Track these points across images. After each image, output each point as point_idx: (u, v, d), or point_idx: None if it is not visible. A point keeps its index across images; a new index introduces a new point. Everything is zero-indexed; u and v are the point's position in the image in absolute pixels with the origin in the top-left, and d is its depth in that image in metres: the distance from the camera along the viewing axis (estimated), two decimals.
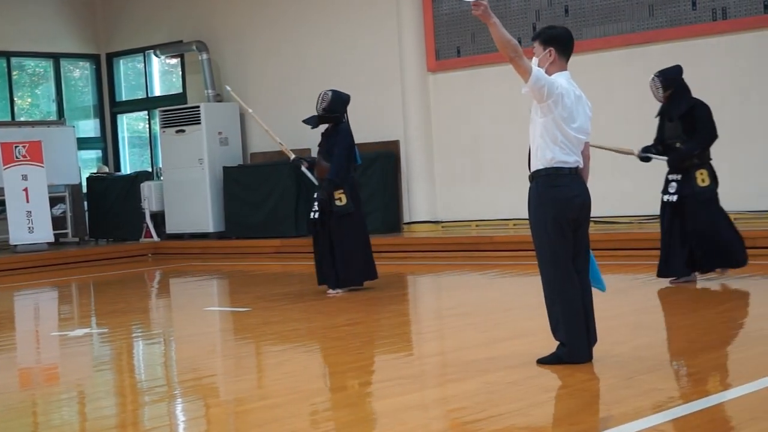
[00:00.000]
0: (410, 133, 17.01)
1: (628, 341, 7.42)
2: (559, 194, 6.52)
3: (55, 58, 21.35)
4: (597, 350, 6.66)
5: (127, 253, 18.36)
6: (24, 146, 18.13)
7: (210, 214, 18.17)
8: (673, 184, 10.11)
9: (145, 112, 21.47)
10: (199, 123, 18.20)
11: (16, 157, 18.03)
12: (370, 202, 16.94)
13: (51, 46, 21.11)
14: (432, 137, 16.94)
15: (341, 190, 10.85)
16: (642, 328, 8.13)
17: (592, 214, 6.80)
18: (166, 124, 18.82)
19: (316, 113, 11.16)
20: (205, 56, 19.42)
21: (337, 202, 10.85)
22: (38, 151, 18.20)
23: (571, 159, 6.54)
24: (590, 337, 6.61)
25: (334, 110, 11.08)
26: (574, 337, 6.55)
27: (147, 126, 21.77)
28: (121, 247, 18.79)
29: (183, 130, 18.23)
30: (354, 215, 11.00)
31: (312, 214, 11.02)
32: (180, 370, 7.82)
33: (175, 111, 18.90)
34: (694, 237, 9.98)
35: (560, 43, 6.62)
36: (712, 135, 10.10)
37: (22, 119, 20.69)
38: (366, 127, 17.50)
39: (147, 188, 19.12)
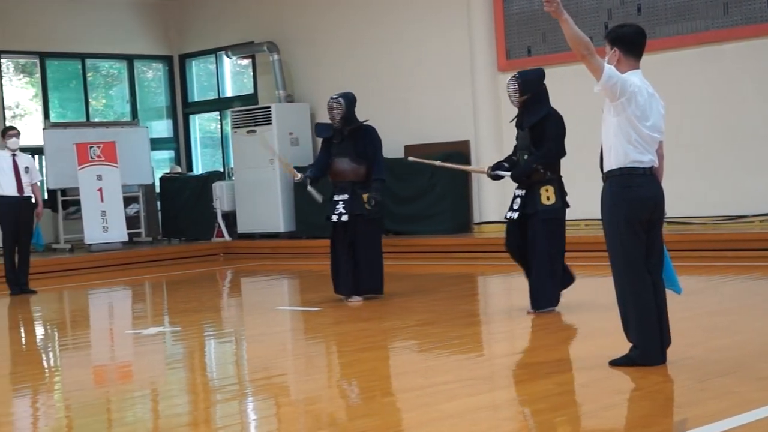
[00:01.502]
0: (481, 132, 16.94)
1: (703, 343, 7.32)
2: (632, 194, 6.45)
3: (129, 59, 21.61)
4: (671, 352, 6.57)
5: (199, 252, 18.51)
6: (98, 147, 18.37)
7: (281, 214, 18.25)
8: (518, 200, 9.28)
9: (217, 113, 21.64)
10: (270, 123, 18.29)
11: (91, 158, 18.27)
12: (440, 203, 16.92)
13: (125, 48, 21.38)
14: (502, 137, 16.84)
15: (367, 194, 10.55)
16: (717, 330, 8.01)
17: (666, 215, 6.71)
18: (237, 124, 18.96)
19: (333, 121, 10.75)
20: (276, 57, 19.53)
21: (367, 206, 10.53)
22: (112, 151, 18.43)
23: (645, 158, 6.46)
24: (664, 339, 6.52)
25: (351, 112, 10.82)
26: (646, 339, 6.47)
27: (219, 126, 21.95)
28: (193, 246, 18.96)
29: (254, 131, 18.34)
30: (380, 220, 10.83)
31: (337, 216, 10.58)
32: (251, 368, 7.87)
33: (247, 111, 19.02)
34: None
35: (626, 43, 6.53)
36: (557, 150, 9.21)
37: (96, 120, 20.96)
38: (436, 127, 17.49)
39: (219, 188, 19.27)
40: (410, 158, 10.75)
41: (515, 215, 9.22)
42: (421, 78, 17.77)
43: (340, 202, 10.58)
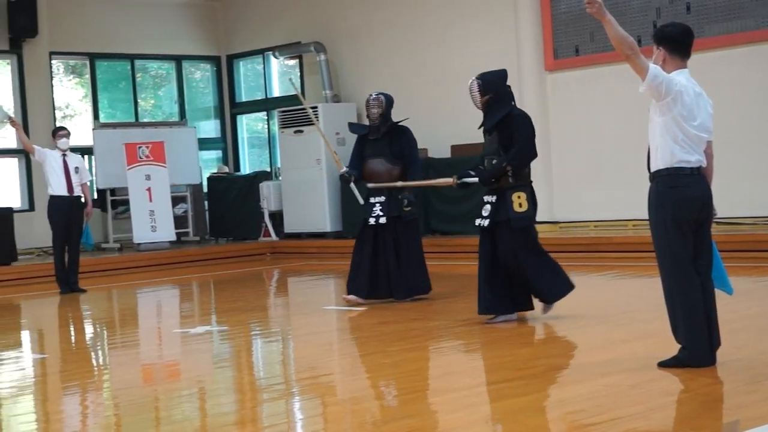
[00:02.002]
0: None
1: (753, 345, 7.24)
2: (679, 194, 6.39)
3: (177, 60, 21.76)
4: (720, 354, 6.51)
5: (246, 252, 18.59)
6: (147, 147, 18.51)
7: (327, 214, 18.29)
8: (487, 206, 8.89)
9: (264, 113, 21.72)
10: (313, 123, 18.32)
11: (140, 158, 18.42)
12: None
13: (173, 49, 21.53)
14: (549, 137, 16.78)
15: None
16: (767, 331, 7.92)
17: (716, 215, 6.65)
18: (284, 124, 19.02)
19: (372, 119, 10.64)
20: (323, 57, 19.57)
21: (405, 208, 10.43)
22: (161, 151, 18.56)
23: (692, 158, 6.40)
24: (713, 340, 6.46)
25: (389, 112, 10.69)
26: (695, 340, 6.41)
27: (266, 126, 22.04)
28: (241, 246, 19.05)
29: (301, 131, 18.39)
30: (417, 220, 10.73)
31: (374, 218, 10.46)
32: (297, 368, 7.89)
33: (294, 112, 19.08)
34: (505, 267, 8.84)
35: (672, 42, 6.48)
36: (528, 152, 8.76)
37: (145, 120, 21.12)
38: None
39: (266, 188, 19.35)
40: (369, 185, 10.59)
41: (485, 222, 8.88)
42: (468, 77, 17.61)
43: (377, 204, 10.48)
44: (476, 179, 9.05)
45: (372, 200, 10.54)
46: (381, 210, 10.44)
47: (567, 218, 16.65)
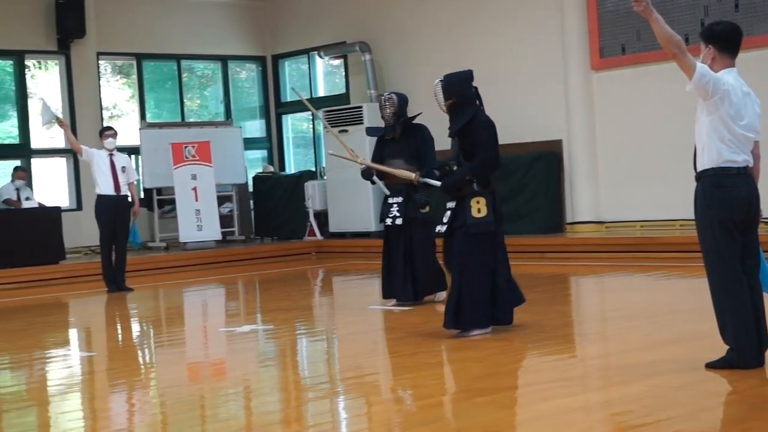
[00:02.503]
0: (573, 132, 16.81)
1: None
2: (726, 195, 6.33)
3: (223, 60, 21.86)
4: None
5: (291, 251, 18.65)
6: (193, 146, 18.62)
7: (372, 214, 18.29)
8: (448, 212, 8.53)
9: (309, 113, 21.76)
10: (362, 123, 18.34)
11: (186, 157, 18.53)
12: (532, 202, 16.82)
13: (219, 49, 21.63)
14: (596, 136, 16.70)
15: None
16: None
17: (763, 215, 6.58)
18: (329, 124, 19.03)
19: (385, 118, 10.47)
20: (368, 57, 19.59)
21: (422, 210, 10.23)
22: (207, 151, 18.66)
23: (739, 158, 6.34)
24: (761, 341, 6.40)
25: (403, 112, 10.51)
26: (743, 341, 6.35)
27: (311, 126, 22.09)
28: (286, 245, 19.11)
29: (346, 130, 18.41)
30: (434, 223, 10.47)
31: (392, 219, 10.33)
32: (342, 367, 7.90)
33: (339, 111, 19.11)
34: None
35: (720, 41, 6.41)
36: (490, 162, 8.40)
37: (191, 120, 21.25)
38: (528, 126, 17.37)
39: (311, 187, 19.39)
40: (330, 152, 10.48)
41: (443, 229, 8.46)
42: (513, 77, 17.66)
43: (395, 205, 10.35)
44: (436, 183, 8.77)
45: (390, 201, 10.43)
46: (398, 211, 10.33)
47: (613, 218, 16.56)
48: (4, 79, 19.74)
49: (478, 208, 8.32)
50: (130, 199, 13.93)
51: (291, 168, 22.23)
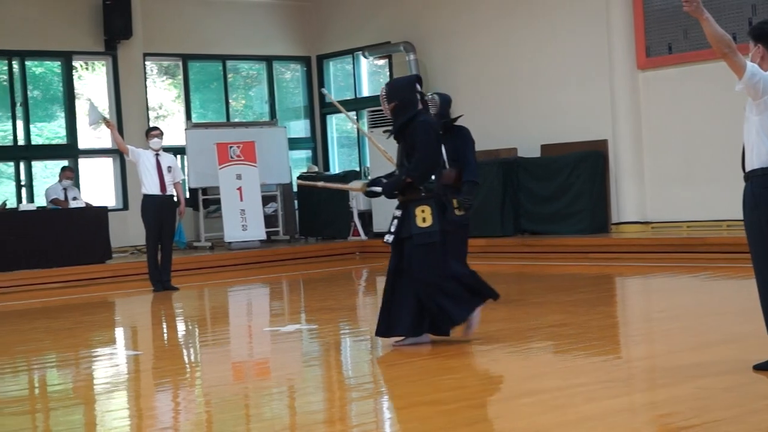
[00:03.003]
0: (619, 132, 16.71)
1: None
2: None
3: (268, 60, 21.94)
4: None
5: (336, 251, 18.68)
6: (238, 146, 18.70)
7: None
8: (395, 221, 8.24)
9: (354, 113, 21.79)
10: None
11: (231, 157, 18.61)
12: (577, 202, 16.74)
13: (264, 50, 21.72)
14: (642, 136, 16.59)
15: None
16: None
17: None
18: (373, 124, 19.06)
19: None
20: (412, 57, 19.58)
21: (456, 211, 9.95)
22: (252, 151, 18.73)
23: None
24: None
25: (445, 112, 10.32)
26: None
27: (355, 127, 22.09)
28: (330, 245, 19.14)
29: (389, 130, 18.37)
30: (467, 226, 10.24)
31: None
32: (386, 367, 7.89)
33: (383, 111, 19.07)
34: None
35: None
36: (427, 162, 8.03)
37: (236, 120, 21.34)
38: (574, 126, 17.30)
39: None
40: (298, 181, 10.45)
41: (391, 238, 8.20)
42: (558, 76, 17.59)
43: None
44: (378, 189, 8.54)
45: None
46: None
47: (659, 218, 16.44)
48: (52, 80, 19.94)
49: (423, 217, 8.00)
50: (175, 198, 14.01)
51: (335, 168, 22.27)
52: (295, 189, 20.77)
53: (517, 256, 16.15)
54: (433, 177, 8.11)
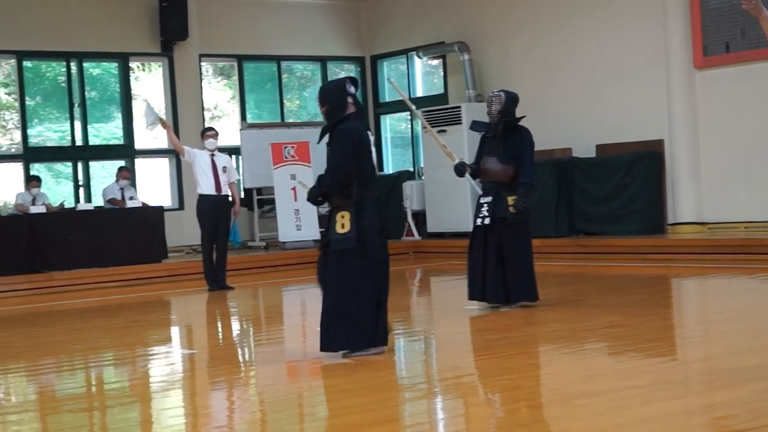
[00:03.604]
0: (675, 131, 16.56)
1: None
2: None
3: (322, 61, 22.00)
4: None
5: (389, 251, 18.61)
6: (293, 147, 18.77)
7: (470, 214, 18.18)
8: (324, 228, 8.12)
9: (408, 113, 21.78)
10: (460, 123, 18.30)
11: (285, 158, 18.68)
12: (632, 203, 16.61)
13: (318, 50, 21.78)
14: (698, 136, 16.43)
15: (515, 196, 10.03)
16: None
17: None
18: (428, 124, 19.01)
19: (491, 116, 10.26)
20: (466, 57, 19.54)
21: (511, 209, 10.03)
22: (306, 151, 18.80)
23: None
24: None
25: (510, 111, 10.28)
26: None
27: (409, 126, 22.11)
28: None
29: (444, 130, 18.39)
30: (527, 225, 10.21)
31: (481, 219, 10.16)
32: (440, 367, 7.88)
33: (437, 111, 19.09)
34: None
35: None
36: (339, 171, 7.81)
37: (290, 120, 21.42)
38: (629, 125, 17.17)
39: (409, 188, 19.41)
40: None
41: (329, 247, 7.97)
42: (614, 75, 17.47)
43: (485, 205, 10.17)
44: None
45: (482, 200, 10.28)
46: (487, 211, 10.15)
47: (716, 219, 16.27)
48: (109, 81, 20.14)
49: (342, 223, 7.80)
50: (230, 198, 14.09)
51: (389, 168, 22.28)
52: None
53: (572, 256, 16.06)
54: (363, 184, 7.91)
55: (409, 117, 21.71)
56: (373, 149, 8.15)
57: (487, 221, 10.14)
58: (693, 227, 16.32)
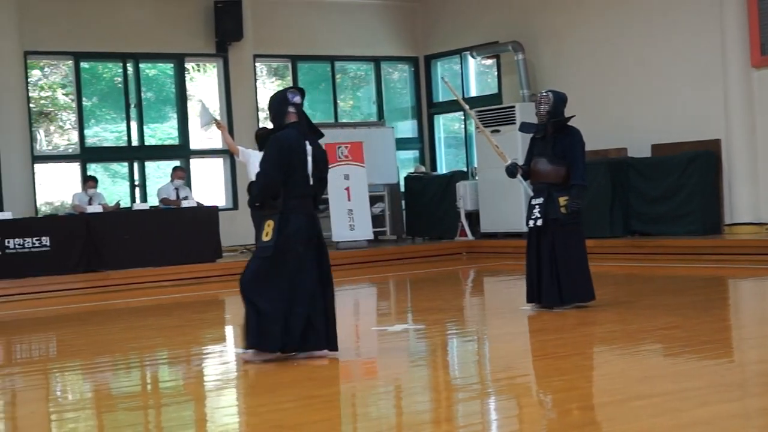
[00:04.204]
0: (732, 131, 16.37)
1: None
2: None
3: (376, 61, 22.02)
4: None
5: (443, 251, 18.65)
6: (346, 147, 18.80)
7: (523, 214, 18.08)
8: None
9: (461, 113, 21.75)
10: (514, 123, 18.21)
11: (339, 158, 18.71)
12: (689, 203, 16.45)
13: (372, 50, 21.81)
14: (756, 135, 16.24)
15: (567, 197, 9.98)
16: None
17: None
18: (481, 124, 18.96)
19: (540, 117, 10.20)
20: (520, 56, 19.47)
21: (563, 210, 9.98)
22: (359, 151, 18.82)
23: None
24: None
25: (559, 111, 10.19)
26: None
27: (462, 126, 22.07)
28: (437, 245, 19.12)
29: (498, 130, 18.33)
30: (579, 225, 10.15)
31: (533, 221, 10.17)
32: (493, 368, 7.86)
33: (491, 111, 19.03)
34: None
35: None
36: (262, 178, 7.99)
37: (344, 121, 21.46)
38: (685, 125, 17.02)
39: (462, 188, 19.37)
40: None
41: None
42: (669, 75, 17.32)
43: (537, 206, 10.15)
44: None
45: (533, 201, 10.26)
46: (539, 212, 10.12)
47: None
48: (164, 81, 20.30)
49: (267, 231, 7.93)
50: None
51: (443, 168, 22.25)
52: (402, 189, 20.81)
53: (627, 257, 15.94)
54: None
55: (463, 117, 21.67)
56: (310, 159, 8.15)
57: (539, 223, 10.13)
58: (750, 228, 16.13)
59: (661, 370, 7.10)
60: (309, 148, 8.15)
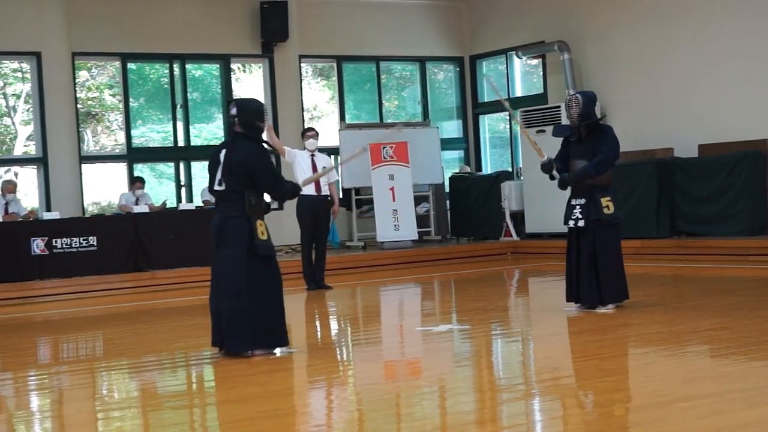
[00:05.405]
0: None
1: None
2: None
3: (421, 61, 22.02)
4: None
5: (487, 251, 18.62)
6: (391, 147, 18.82)
7: None
8: None
9: (506, 113, 21.67)
10: (559, 123, 18.13)
11: (384, 158, 18.74)
12: (736, 203, 16.30)
13: (417, 50, 21.82)
14: None
15: (609, 197, 9.99)
16: None
17: None
18: (526, 124, 18.93)
19: (571, 119, 10.09)
20: (566, 56, 19.38)
21: (605, 210, 9.95)
22: (404, 151, 18.83)
23: None
24: None
25: (590, 112, 10.10)
26: None
27: (507, 126, 22.01)
28: (482, 245, 19.09)
29: (543, 130, 18.26)
30: (618, 226, 10.07)
31: (573, 222, 10.15)
32: (538, 369, 7.83)
33: (536, 111, 18.97)
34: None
35: None
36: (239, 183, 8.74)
37: (389, 121, 21.48)
38: (732, 125, 16.87)
39: (507, 188, 19.32)
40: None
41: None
42: (717, 74, 17.18)
43: (578, 207, 10.13)
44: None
45: (573, 202, 10.23)
46: (581, 213, 10.09)
47: None
48: (210, 82, 20.42)
49: (261, 231, 8.88)
50: (330, 198, 14.16)
51: (488, 168, 22.22)
52: (447, 189, 20.80)
53: (673, 258, 15.83)
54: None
55: (508, 117, 21.61)
56: (220, 168, 9.17)
57: (581, 224, 10.09)
58: None
59: (708, 372, 7.04)
60: (220, 157, 9.05)
